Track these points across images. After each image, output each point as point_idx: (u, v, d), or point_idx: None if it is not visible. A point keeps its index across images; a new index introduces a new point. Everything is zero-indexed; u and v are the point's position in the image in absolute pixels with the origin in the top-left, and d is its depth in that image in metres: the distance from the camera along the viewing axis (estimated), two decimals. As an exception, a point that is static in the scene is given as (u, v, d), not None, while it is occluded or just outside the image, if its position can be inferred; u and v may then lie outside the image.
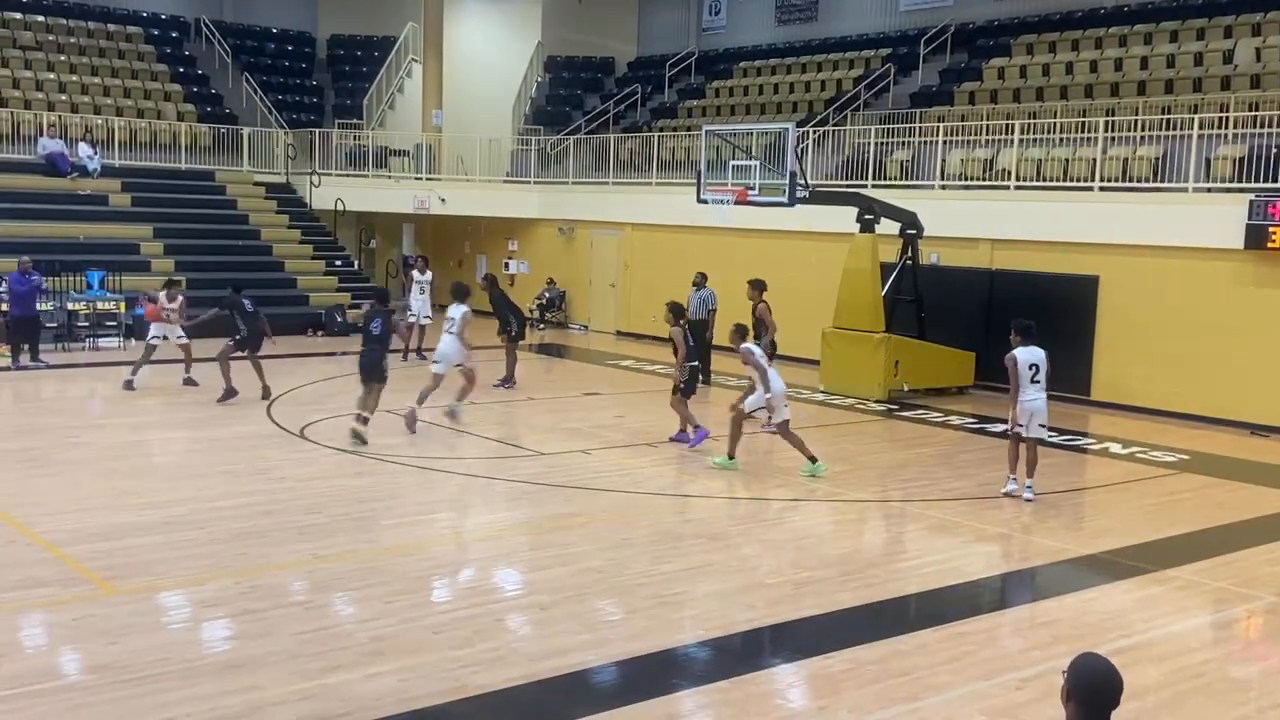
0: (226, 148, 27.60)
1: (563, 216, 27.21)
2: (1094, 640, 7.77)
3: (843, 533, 10.76)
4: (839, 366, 18.11)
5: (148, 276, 22.80)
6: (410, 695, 6.45)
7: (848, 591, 8.65)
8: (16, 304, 18.02)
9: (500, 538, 10.17)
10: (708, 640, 7.63)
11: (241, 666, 6.80)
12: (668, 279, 23.57)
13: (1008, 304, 18.47)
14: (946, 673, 7.06)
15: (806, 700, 6.80)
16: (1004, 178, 19.46)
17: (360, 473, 11.92)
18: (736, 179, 17.69)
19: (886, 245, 18.18)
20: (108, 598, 7.79)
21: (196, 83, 30.12)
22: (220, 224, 25.53)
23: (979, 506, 11.39)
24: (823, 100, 25.15)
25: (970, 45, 25.21)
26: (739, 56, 29.77)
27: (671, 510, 10.90)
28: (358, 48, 33.36)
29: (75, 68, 28.39)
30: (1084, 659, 3.84)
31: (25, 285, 18.00)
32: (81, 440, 13.15)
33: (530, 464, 12.63)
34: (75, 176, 24.56)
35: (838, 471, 12.88)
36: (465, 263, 30.13)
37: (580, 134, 28.63)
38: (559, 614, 7.92)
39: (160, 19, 31.49)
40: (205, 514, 10.10)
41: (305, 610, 7.93)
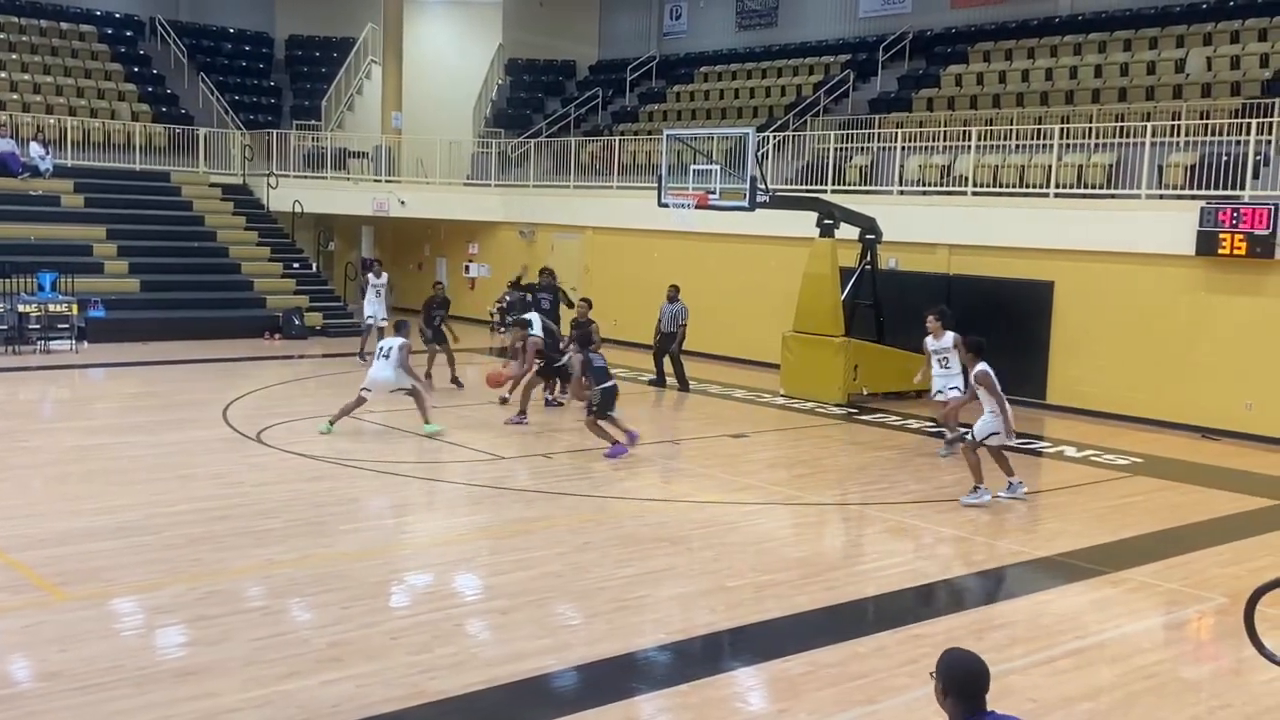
0: (182, 148, 27.28)
1: (524, 219, 27.14)
2: (1049, 641, 7.86)
3: (803, 536, 10.80)
4: (799, 370, 18.19)
5: (100, 279, 22.53)
6: (368, 701, 6.40)
7: (807, 594, 8.68)
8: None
9: (460, 542, 10.11)
10: (668, 644, 7.62)
11: (196, 673, 6.71)
12: (629, 282, 23.60)
13: (965, 308, 18.65)
14: (904, 675, 7.10)
15: (766, 703, 6.81)
16: (961, 184, 19.63)
17: (317, 477, 11.82)
18: (697, 183, 17.73)
19: (846, 250, 18.28)
20: (59, 604, 7.67)
21: (151, 82, 29.76)
22: (176, 225, 25.23)
23: (937, 509, 11.48)
24: (783, 105, 25.27)
25: (928, 52, 25.43)
26: (700, 61, 29.86)
27: (632, 514, 10.89)
28: (316, 48, 33.11)
29: (27, 66, 27.95)
30: (949, 656, 4.05)
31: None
32: (31, 444, 12.94)
33: (490, 468, 12.57)
34: (26, 176, 24.18)
35: (798, 475, 12.94)
36: (425, 265, 29.98)
37: (541, 137, 28.58)
38: (519, 618, 7.89)
39: (114, 18, 31.08)
40: (159, 519, 9.96)
41: (262, 616, 7.84)
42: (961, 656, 4.04)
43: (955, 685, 3.93)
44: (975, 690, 3.93)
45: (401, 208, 27.19)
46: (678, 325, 18.69)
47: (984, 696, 3.94)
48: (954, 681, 3.94)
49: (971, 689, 3.93)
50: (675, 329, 18.70)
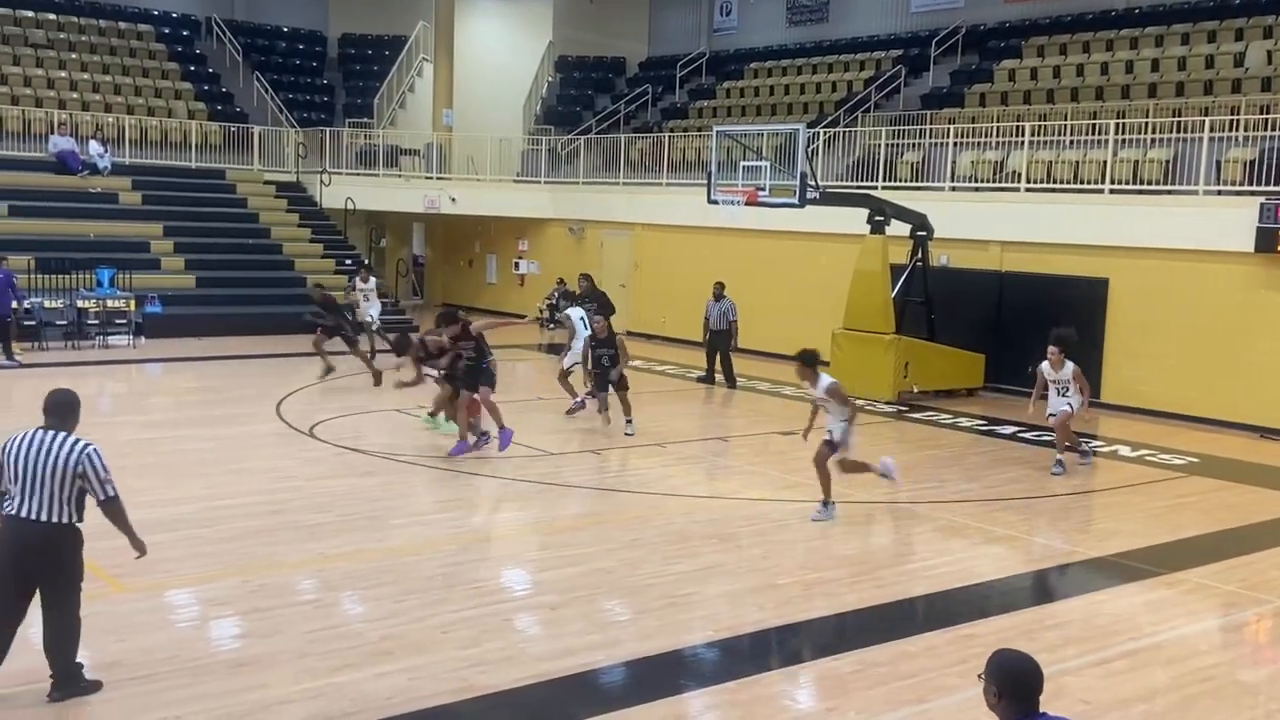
0: (237, 146, 27.65)
1: (573, 216, 27.22)
2: (1103, 642, 7.76)
3: (852, 534, 10.73)
4: (849, 368, 18.03)
5: (157, 275, 22.89)
6: (419, 694, 6.46)
7: (857, 592, 8.64)
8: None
9: (510, 537, 10.17)
10: (717, 641, 7.62)
11: (250, 665, 6.81)
12: (678, 279, 23.59)
13: (1017, 306, 18.49)
14: (955, 675, 7.04)
15: (815, 701, 6.79)
16: (1014, 180, 19.41)
17: (369, 472, 11.94)
18: (747, 180, 17.68)
19: (897, 247, 18.15)
20: (116, 595, 7.81)
21: (207, 81, 30.18)
22: (230, 222, 25.58)
23: (988, 509, 11.36)
24: (833, 101, 25.13)
25: (981, 47, 25.17)
26: (750, 57, 29.76)
27: (682, 511, 10.88)
28: (369, 47, 33.40)
29: (86, 66, 28.47)
30: (1000, 656, 4.01)
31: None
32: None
33: (541, 464, 12.63)
34: (86, 174, 24.62)
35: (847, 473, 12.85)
36: (476, 262, 30.16)
37: (591, 134, 28.63)
38: (568, 614, 7.92)
39: (171, 17, 31.55)
40: (214, 512, 10.12)
41: (314, 609, 7.94)
42: (1014, 657, 4.00)
43: (1008, 686, 3.89)
44: (1028, 691, 3.89)
45: (452, 205, 27.37)
46: (728, 322, 18.65)
47: (1037, 698, 3.90)
48: (1006, 682, 3.90)
49: (1024, 690, 3.89)
50: (726, 326, 18.66)
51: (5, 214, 22.73)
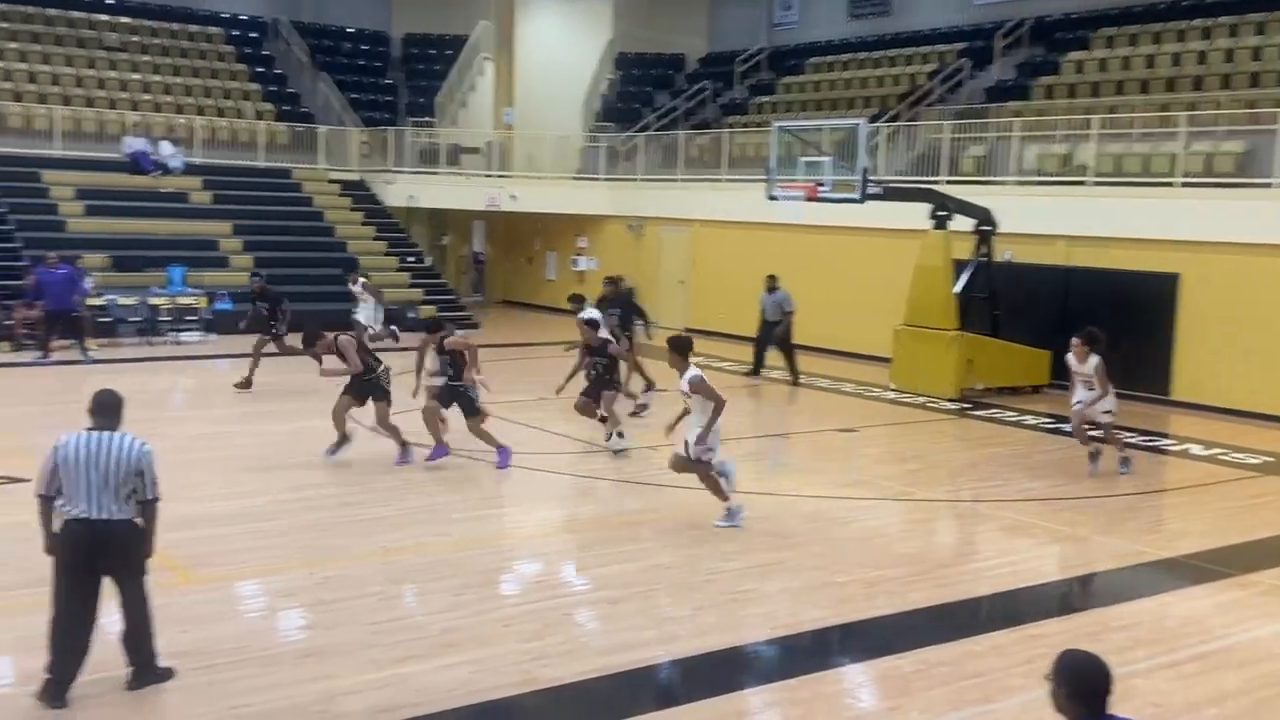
0: (303, 145, 28.06)
1: (632, 213, 27.25)
2: (1173, 644, 7.62)
3: (913, 532, 10.65)
4: (910, 364, 17.92)
5: (227, 272, 23.30)
6: (482, 686, 6.52)
7: (919, 591, 8.56)
8: (50, 298, 18.21)
9: (569, 532, 10.22)
10: (776, 638, 7.60)
11: (316, 655, 6.92)
12: (737, 276, 23.53)
13: (1084, 302, 18.18)
14: (1021, 675, 6.95)
15: (877, 700, 6.75)
16: (1082, 173, 19.10)
17: (431, 467, 12.05)
18: (807, 176, 17.58)
19: (960, 242, 17.95)
20: (187, 586, 7.97)
21: (275, 82, 30.66)
22: (297, 220, 25.96)
23: (1054, 507, 11.20)
24: (895, 95, 24.89)
25: (1048, 38, 24.78)
26: (811, 52, 29.57)
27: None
28: (431, 46, 33.70)
29: (158, 68, 29.05)
30: (1069, 657, 3.95)
31: (53, 278, 18.19)
32: (161, 432, 13.41)
33: (599, 460, 12.67)
34: (158, 174, 25.14)
35: (909, 470, 12.75)
36: (535, 259, 30.31)
37: (650, 131, 28.64)
38: (628, 609, 7.94)
39: (240, 19, 32.09)
40: (281, 505, 10.29)
41: (378, 601, 8.04)
42: (1083, 658, 3.94)
43: (1077, 687, 3.83)
44: (1097, 693, 3.83)
45: (512, 202, 27.53)
46: (783, 313, 18.38)
47: (1106, 699, 3.83)
48: (1075, 683, 3.84)
49: (1093, 691, 3.83)
50: (780, 317, 18.37)
51: (82, 213, 23.29)
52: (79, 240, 22.07)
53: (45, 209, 23.16)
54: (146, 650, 6.35)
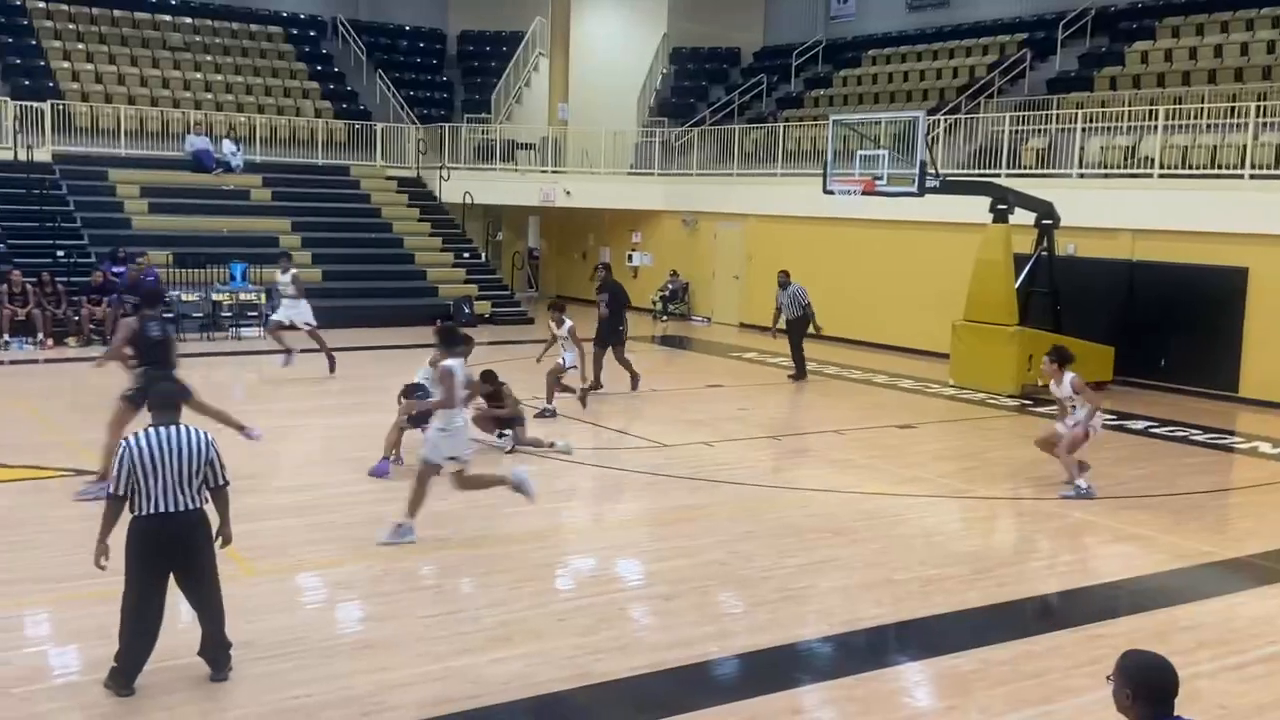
0: (361, 143, 28.35)
1: (686, 208, 27.20)
2: (1240, 646, 7.46)
3: (972, 530, 10.52)
4: (970, 360, 17.71)
5: (287, 268, 23.58)
6: (536, 680, 6.54)
7: (978, 590, 8.46)
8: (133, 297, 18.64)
9: (623, 527, 10.22)
10: (832, 635, 7.54)
11: (373, 647, 6.98)
12: (792, 270, 23.38)
13: (1149, 297, 17.88)
14: (1082, 675, 6.84)
15: (934, 699, 6.67)
16: (1147, 166, 18.75)
17: (486, 462, 12.10)
18: (864, 169, 17.43)
19: (1020, 236, 17.70)
20: (247, 578, 8.07)
21: (333, 80, 31.00)
22: (355, 217, 26.24)
23: (1117, 505, 11.01)
24: (954, 88, 24.60)
25: (1112, 28, 24.36)
26: (868, 44, 29.32)
27: (796, 504, 10.80)
28: (486, 43, 33.88)
29: (220, 67, 29.50)
30: (1134, 658, 3.87)
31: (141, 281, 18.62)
32: (223, 426, 13.62)
33: (653, 455, 12.66)
34: (220, 172, 25.52)
35: (967, 467, 12.61)
36: (590, 255, 30.36)
37: (705, 125, 28.57)
38: (682, 605, 7.92)
39: (299, 19, 32.49)
40: (340, 498, 10.40)
41: (434, 594, 8.10)
42: (1148, 657, 3.86)
43: (1142, 688, 3.75)
44: (1164, 694, 3.75)
45: (567, 198, 27.60)
46: (801, 307, 17.89)
47: (1172, 701, 3.75)
48: (1141, 684, 3.76)
49: (1160, 692, 3.75)
50: (800, 312, 17.90)
51: (146, 211, 23.71)
52: (143, 237, 22.48)
53: (112, 207, 23.62)
54: (227, 638, 6.45)
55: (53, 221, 21.93)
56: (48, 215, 22.07)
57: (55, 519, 9.42)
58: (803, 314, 17.95)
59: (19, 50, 27.25)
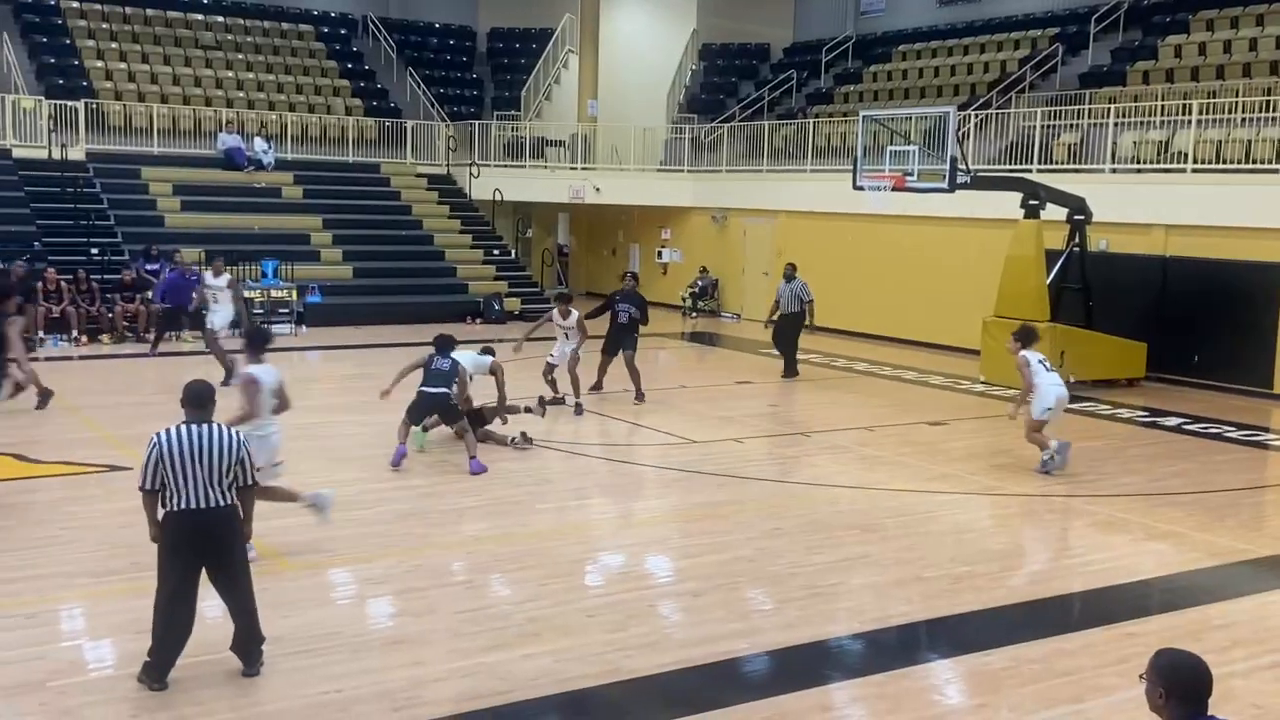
0: (391, 141, 28.48)
1: (716, 204, 27.17)
2: (1275, 644, 7.39)
3: (1003, 527, 10.47)
4: (1001, 356, 17.49)
5: (317, 266, 23.76)
6: (566, 676, 6.56)
7: (1008, 587, 8.42)
8: (171, 297, 18.62)
9: (652, 524, 10.24)
10: (862, 632, 7.52)
11: (405, 643, 7.03)
12: (822, 267, 23.33)
13: (1183, 292, 17.71)
14: (1114, 674, 6.80)
15: (965, 697, 6.65)
16: (1180, 160, 18.57)
17: (516, 457, 12.16)
18: (894, 165, 17.36)
19: (1052, 231, 17.58)
20: (282, 572, 8.14)
21: (363, 78, 31.16)
22: (385, 214, 26.39)
23: (1150, 503, 10.93)
24: (985, 83, 24.45)
25: (1145, 22, 24.14)
26: (898, 40, 29.18)
27: (825, 500, 10.78)
28: (516, 40, 33.96)
29: (251, 66, 29.71)
30: (1167, 656, 3.84)
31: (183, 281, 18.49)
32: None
33: (682, 451, 12.67)
34: (251, 170, 25.71)
35: (999, 464, 12.54)
36: (619, 251, 30.39)
37: (734, 121, 28.52)
38: (711, 601, 7.93)
39: (330, 17, 32.67)
40: (372, 495, 10.47)
41: (465, 590, 8.15)
42: (1182, 656, 3.83)
43: (1176, 687, 3.72)
44: (1198, 693, 3.72)
45: (596, 194, 27.63)
46: (801, 304, 17.75)
47: (1206, 700, 3.72)
48: (1174, 683, 3.73)
49: (1194, 691, 3.72)
50: (799, 308, 17.76)
51: (178, 209, 23.94)
52: (176, 235, 22.69)
53: (145, 205, 23.86)
54: (260, 633, 6.50)
55: (87, 220, 22.19)
56: (82, 213, 22.33)
57: (89, 515, 9.55)
58: (801, 310, 17.75)
59: (53, 50, 27.55)
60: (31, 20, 28.13)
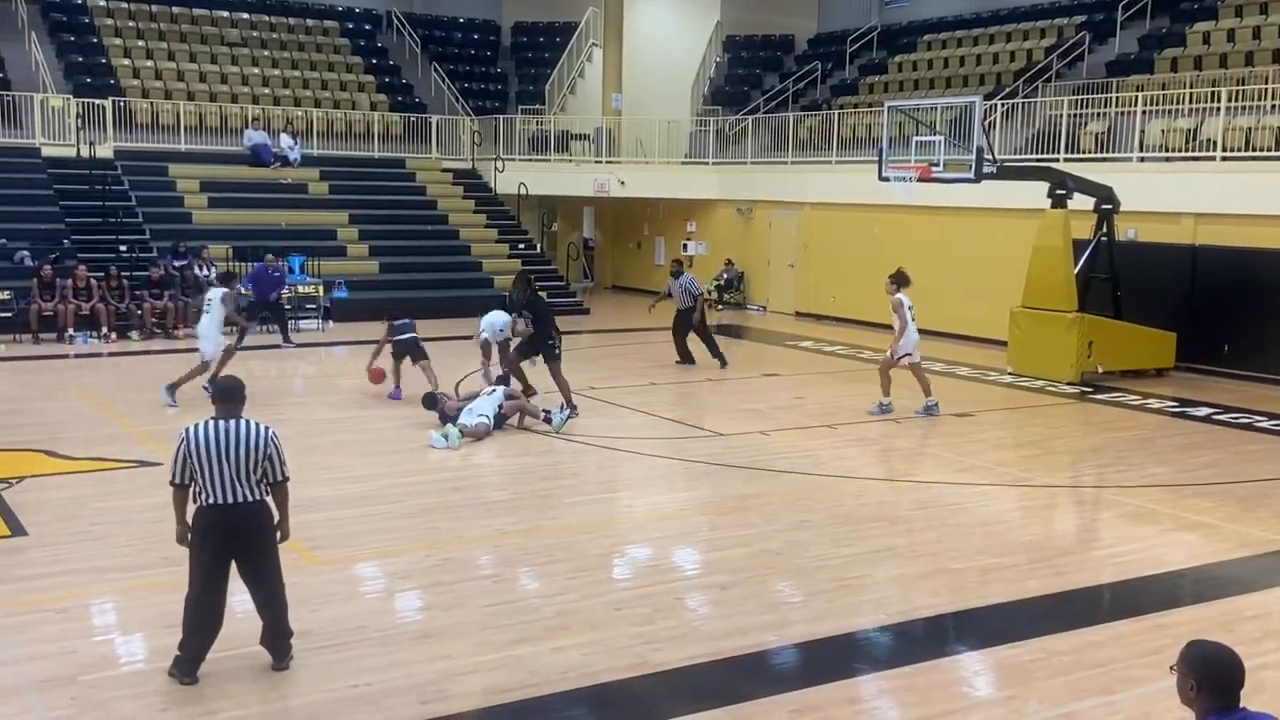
0: (416, 135, 28.56)
1: (741, 197, 27.11)
2: (1308, 638, 7.32)
3: (1032, 519, 10.41)
4: (1028, 347, 17.49)
5: (344, 261, 23.88)
6: (594, 669, 6.58)
7: (1037, 579, 8.38)
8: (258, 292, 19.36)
9: (679, 517, 10.25)
10: (890, 625, 7.51)
11: (434, 636, 7.07)
12: (848, 259, 23.25)
13: (1212, 281, 17.55)
14: (1144, 666, 6.76)
15: (994, 689, 6.63)
16: (1209, 148, 18.38)
17: (544, 451, 12.20)
18: (920, 155, 17.25)
19: (1079, 221, 17.44)
20: (309, 567, 8.20)
21: (388, 73, 31.25)
22: (411, 209, 26.47)
23: (1180, 494, 10.84)
24: (1011, 72, 24.27)
25: (1173, 9, 23.87)
26: (923, 29, 29.00)
27: (852, 493, 10.76)
28: (540, 34, 33.98)
29: (277, 62, 29.86)
30: (1199, 648, 3.80)
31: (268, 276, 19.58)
32: (285, 417, 13.83)
33: (709, 444, 12.66)
34: (278, 166, 25.85)
35: (1027, 456, 12.47)
36: (644, 244, 30.38)
37: (759, 113, 28.43)
38: (739, 594, 7.93)
39: (354, 12, 32.79)
40: (399, 489, 10.53)
41: (493, 583, 8.18)
42: (1214, 647, 3.80)
43: (1208, 678, 3.69)
44: (1230, 684, 3.68)
45: (621, 188, 27.62)
46: (693, 297, 17.77)
47: (1238, 692, 3.69)
48: (1206, 674, 3.69)
49: (1226, 683, 3.68)
50: (691, 303, 17.78)
51: (205, 205, 24.10)
52: (203, 232, 22.86)
53: (172, 202, 24.04)
54: (288, 627, 6.55)
55: (115, 217, 22.37)
56: (110, 211, 22.52)
57: (120, 510, 9.64)
58: (693, 305, 17.80)
59: (81, 49, 27.78)
60: (59, 19, 28.38)
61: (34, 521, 9.20)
